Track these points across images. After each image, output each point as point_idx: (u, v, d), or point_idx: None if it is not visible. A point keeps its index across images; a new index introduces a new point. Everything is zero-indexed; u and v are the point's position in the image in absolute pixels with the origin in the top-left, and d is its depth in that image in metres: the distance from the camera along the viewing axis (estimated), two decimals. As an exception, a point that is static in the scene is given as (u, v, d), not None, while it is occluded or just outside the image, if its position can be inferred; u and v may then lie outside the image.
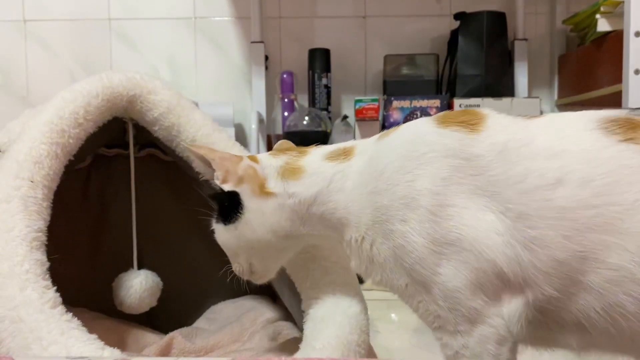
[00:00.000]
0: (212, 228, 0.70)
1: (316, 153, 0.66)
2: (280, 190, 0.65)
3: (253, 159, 0.68)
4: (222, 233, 0.68)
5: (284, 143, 0.75)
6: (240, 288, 1.05)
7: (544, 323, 0.55)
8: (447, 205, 0.54)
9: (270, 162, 0.67)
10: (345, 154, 0.65)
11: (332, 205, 0.63)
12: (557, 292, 0.52)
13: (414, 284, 0.57)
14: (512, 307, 0.54)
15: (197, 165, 0.69)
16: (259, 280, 0.71)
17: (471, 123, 0.57)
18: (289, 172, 0.65)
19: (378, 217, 0.59)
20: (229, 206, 0.66)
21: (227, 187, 0.66)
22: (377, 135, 0.65)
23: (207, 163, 0.67)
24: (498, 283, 0.54)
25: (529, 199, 0.52)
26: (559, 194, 0.51)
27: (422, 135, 0.58)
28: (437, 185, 0.55)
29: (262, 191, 0.65)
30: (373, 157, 0.61)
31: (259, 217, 0.65)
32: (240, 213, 0.65)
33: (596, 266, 0.50)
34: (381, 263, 0.60)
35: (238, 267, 0.70)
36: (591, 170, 0.51)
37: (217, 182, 0.66)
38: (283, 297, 0.89)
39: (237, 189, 0.65)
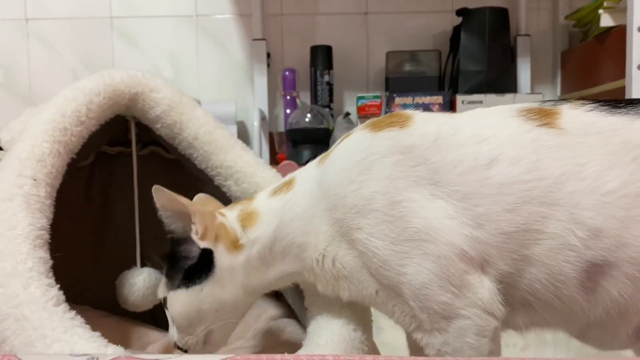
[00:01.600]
0: (161, 297, 0.67)
1: (262, 195, 0.68)
2: (245, 240, 0.64)
3: (221, 213, 0.67)
4: (181, 299, 0.65)
5: (203, 198, 0.73)
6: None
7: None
8: (396, 202, 0.56)
9: (231, 216, 0.66)
10: (287, 185, 0.66)
11: (290, 236, 0.64)
12: (510, 267, 0.56)
13: (383, 289, 0.58)
14: (486, 288, 0.56)
15: (162, 214, 0.65)
16: (212, 351, 0.68)
17: (399, 121, 0.60)
18: (246, 221, 0.65)
19: (336, 232, 0.60)
20: (197, 266, 0.64)
21: (203, 244, 0.64)
22: (317, 159, 0.66)
23: (182, 216, 0.64)
24: (463, 266, 0.55)
25: (469, 179, 0.56)
26: (495, 172, 0.56)
27: (357, 144, 0.61)
28: (382, 186, 0.57)
29: (234, 246, 0.64)
30: (319, 178, 0.63)
31: (230, 274, 0.64)
32: (210, 272, 0.63)
33: (537, 237, 0.55)
34: (347, 276, 0.61)
35: (191, 339, 0.66)
36: (519, 150, 0.56)
37: (194, 237, 0.64)
38: (286, 294, 0.89)
39: (212, 247, 0.64)
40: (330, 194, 0.60)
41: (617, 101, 0.60)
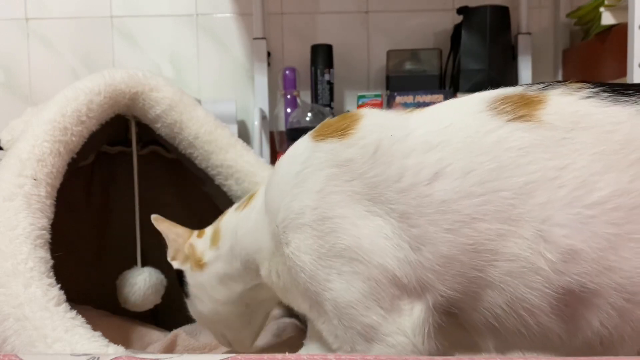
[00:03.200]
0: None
1: (229, 211, 0.69)
2: (210, 258, 0.68)
3: (201, 233, 0.71)
4: (189, 307, 0.73)
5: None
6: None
7: (458, 326, 0.51)
8: (327, 218, 0.52)
9: (208, 233, 0.70)
10: (248, 200, 0.66)
11: (244, 252, 0.64)
12: (457, 293, 0.48)
13: (312, 304, 0.55)
14: (415, 316, 0.50)
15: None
16: (241, 349, 0.73)
17: (342, 128, 0.54)
18: (214, 239, 0.68)
19: (274, 246, 0.58)
20: (181, 283, 0.72)
21: (175, 265, 0.72)
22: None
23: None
24: (394, 291, 0.50)
25: (407, 197, 0.49)
26: (437, 187, 0.48)
27: (296, 156, 0.57)
28: (314, 200, 0.53)
29: (198, 265, 0.69)
30: (263, 193, 0.62)
31: (200, 290, 0.70)
32: (187, 290, 0.71)
33: (492, 258, 0.46)
34: (289, 289, 0.59)
35: (217, 338, 0.74)
36: (473, 159, 0.47)
37: (169, 259, 0.72)
38: (287, 294, 0.89)
39: (182, 267, 0.71)
40: (269, 208, 0.58)
41: (625, 86, 0.49)
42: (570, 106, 0.47)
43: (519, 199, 0.46)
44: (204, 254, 0.69)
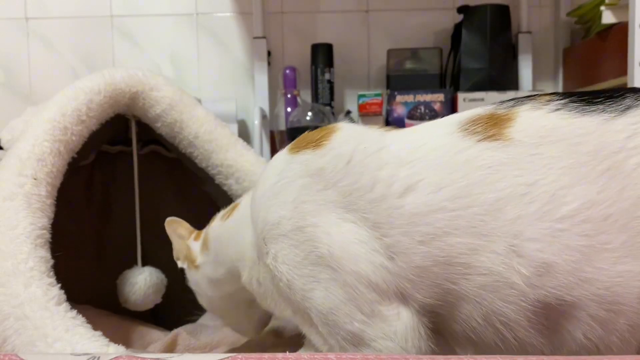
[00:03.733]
0: None
1: (218, 216, 0.73)
2: (202, 261, 0.73)
3: (197, 236, 0.75)
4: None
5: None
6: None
7: (441, 336, 0.52)
8: (301, 227, 0.53)
9: (202, 237, 0.74)
10: (232, 208, 0.69)
11: (228, 259, 0.67)
12: (434, 300, 0.49)
13: (295, 311, 0.56)
14: (404, 321, 0.50)
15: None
16: (246, 336, 0.82)
17: (316, 139, 0.56)
18: (204, 244, 0.73)
19: (254, 257, 0.61)
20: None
21: (179, 264, 0.77)
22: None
23: None
24: (372, 296, 0.50)
25: (378, 207, 0.50)
26: (409, 200, 0.49)
27: (273, 168, 0.58)
28: (288, 210, 0.54)
29: (194, 265, 0.74)
30: (245, 204, 0.65)
31: (198, 287, 0.75)
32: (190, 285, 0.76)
33: (465, 272, 0.47)
34: (270, 296, 0.62)
35: (224, 324, 0.82)
36: (444, 175, 0.48)
37: (175, 258, 0.78)
38: (287, 293, 0.89)
39: (184, 266, 0.76)
40: (252, 219, 0.60)
41: (595, 93, 0.49)
42: (538, 121, 0.48)
43: (490, 215, 0.46)
44: (197, 256, 0.74)
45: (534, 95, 0.51)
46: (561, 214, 0.44)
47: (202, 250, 0.73)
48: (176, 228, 0.78)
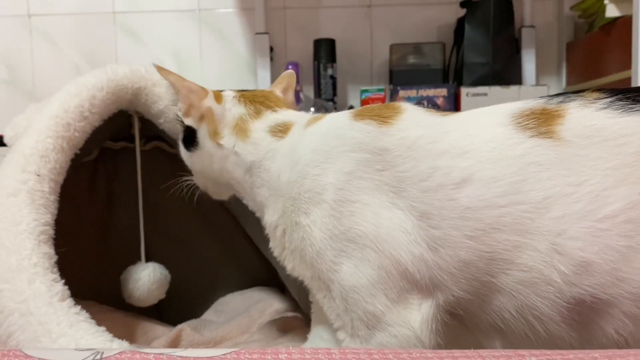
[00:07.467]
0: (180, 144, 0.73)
1: (264, 120, 0.65)
2: (229, 145, 0.65)
3: (218, 96, 0.67)
4: (184, 153, 0.71)
5: (263, 93, 0.71)
6: (248, 279, 1.05)
7: (464, 326, 0.52)
8: (349, 201, 0.53)
9: (231, 109, 0.67)
10: (283, 131, 0.64)
11: (258, 181, 0.64)
12: (468, 294, 0.50)
13: (315, 277, 0.56)
14: (424, 312, 0.51)
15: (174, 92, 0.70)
16: (214, 197, 0.74)
17: (384, 116, 0.55)
18: (239, 131, 0.65)
19: (288, 208, 0.58)
20: (188, 137, 0.68)
21: (187, 122, 0.68)
22: (310, 117, 0.63)
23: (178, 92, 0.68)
24: (404, 284, 0.51)
25: (432, 198, 0.50)
26: (464, 193, 0.49)
27: (334, 129, 0.57)
28: (341, 180, 0.53)
29: (215, 134, 0.66)
30: (296, 144, 0.60)
31: (209, 158, 0.67)
32: (195, 147, 0.68)
33: (506, 267, 0.48)
34: (292, 251, 0.59)
35: (197, 182, 0.73)
36: (499, 169, 0.49)
37: (178, 112, 0.68)
38: (291, 288, 0.89)
39: (195, 126, 0.67)
40: (295, 169, 0.58)
41: None
42: (586, 120, 0.48)
43: (537, 212, 0.47)
44: (223, 133, 0.66)
45: (578, 93, 0.52)
46: (603, 214, 0.46)
47: (237, 134, 0.65)
48: (180, 78, 0.69)
